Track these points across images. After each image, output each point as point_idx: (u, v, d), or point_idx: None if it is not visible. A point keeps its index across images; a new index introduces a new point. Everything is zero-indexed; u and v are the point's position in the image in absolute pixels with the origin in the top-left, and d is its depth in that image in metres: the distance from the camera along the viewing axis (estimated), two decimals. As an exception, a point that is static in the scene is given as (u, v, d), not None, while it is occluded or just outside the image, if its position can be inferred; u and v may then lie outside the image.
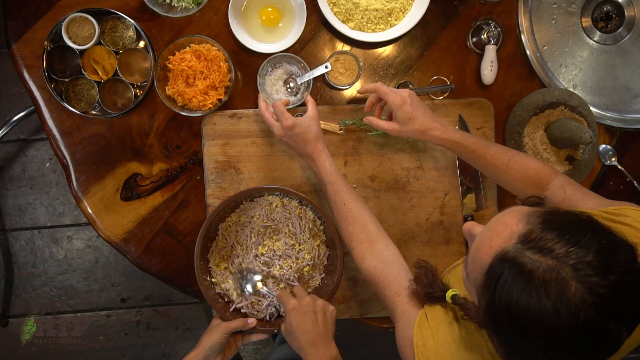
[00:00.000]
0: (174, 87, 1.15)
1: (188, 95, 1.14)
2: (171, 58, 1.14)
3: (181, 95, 1.14)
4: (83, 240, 2.12)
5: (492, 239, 0.66)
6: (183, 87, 1.14)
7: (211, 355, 1.03)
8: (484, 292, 0.66)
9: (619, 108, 1.28)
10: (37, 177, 2.11)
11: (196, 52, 1.14)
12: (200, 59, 1.14)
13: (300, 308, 0.99)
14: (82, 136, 1.19)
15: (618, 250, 0.62)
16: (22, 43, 1.18)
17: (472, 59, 1.23)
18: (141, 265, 1.20)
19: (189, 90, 1.14)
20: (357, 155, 1.20)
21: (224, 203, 1.09)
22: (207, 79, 1.14)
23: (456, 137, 1.02)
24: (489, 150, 1.02)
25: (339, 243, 1.09)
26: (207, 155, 1.19)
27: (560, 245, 0.61)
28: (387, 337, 0.99)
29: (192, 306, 2.11)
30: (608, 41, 1.30)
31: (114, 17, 1.16)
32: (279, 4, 1.20)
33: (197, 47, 1.14)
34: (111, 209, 1.19)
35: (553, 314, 0.59)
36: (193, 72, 1.14)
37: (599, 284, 0.59)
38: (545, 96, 1.18)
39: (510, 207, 0.70)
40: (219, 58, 1.14)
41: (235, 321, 1.05)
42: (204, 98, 1.14)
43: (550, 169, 1.01)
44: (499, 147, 1.04)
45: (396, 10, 1.19)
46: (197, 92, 1.14)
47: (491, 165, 1.03)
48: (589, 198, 0.93)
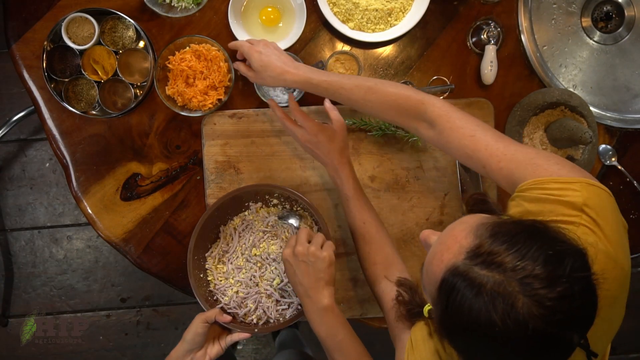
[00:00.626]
0: (174, 87, 1.15)
1: (188, 95, 1.14)
2: (171, 58, 1.14)
3: (181, 95, 1.15)
4: (83, 240, 2.13)
5: (443, 253, 0.66)
6: (183, 87, 1.14)
7: (194, 349, 1.02)
8: (437, 303, 0.67)
9: (619, 108, 1.28)
10: (37, 177, 2.11)
11: (196, 52, 1.14)
12: (200, 59, 1.14)
13: (291, 258, 0.98)
14: (82, 136, 1.19)
15: (565, 259, 0.61)
16: (22, 43, 1.18)
17: (472, 59, 1.23)
18: (141, 265, 1.20)
19: (189, 90, 1.14)
20: (357, 155, 1.20)
21: (220, 200, 1.09)
22: (207, 79, 1.14)
23: (310, 77, 0.99)
24: (344, 84, 0.98)
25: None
26: (207, 155, 1.19)
27: (508, 259, 0.61)
28: (387, 337, 0.98)
29: (192, 306, 2.11)
30: (608, 41, 1.31)
31: (114, 17, 1.16)
32: (279, 4, 1.20)
33: (197, 47, 1.14)
34: (111, 209, 1.19)
35: (502, 326, 0.59)
36: (193, 72, 1.14)
37: (547, 297, 0.59)
38: (545, 96, 1.18)
39: (462, 217, 0.70)
40: (219, 58, 1.14)
41: (211, 310, 1.04)
42: (204, 98, 1.14)
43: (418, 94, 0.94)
44: (359, 79, 0.99)
45: (396, 11, 1.19)
46: (197, 92, 1.14)
47: (348, 100, 0.99)
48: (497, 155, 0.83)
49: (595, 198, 0.74)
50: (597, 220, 0.72)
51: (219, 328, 1.08)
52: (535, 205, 0.75)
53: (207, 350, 1.04)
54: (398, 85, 0.98)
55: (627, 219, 1.24)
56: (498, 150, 0.84)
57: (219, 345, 1.06)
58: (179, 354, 1.02)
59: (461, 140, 0.88)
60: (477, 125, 0.88)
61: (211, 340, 1.06)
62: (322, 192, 1.20)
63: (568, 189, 0.74)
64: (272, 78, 1.03)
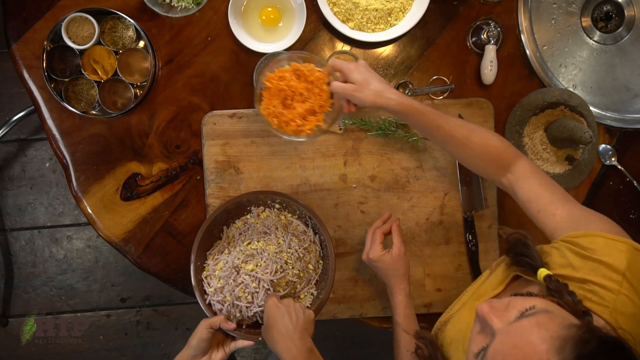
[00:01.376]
0: (270, 108, 1.04)
1: (285, 117, 1.04)
2: (269, 75, 1.04)
3: (277, 117, 1.04)
4: (83, 240, 2.13)
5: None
6: (280, 109, 1.04)
7: (198, 354, 1.02)
8: None
9: (619, 108, 1.28)
10: (37, 177, 2.11)
11: (297, 72, 1.04)
12: (300, 79, 1.04)
13: (279, 304, 0.99)
14: (82, 136, 1.19)
15: None
16: (22, 43, 1.18)
17: (472, 59, 1.23)
18: (141, 265, 1.20)
19: (287, 112, 1.04)
20: (357, 155, 1.20)
21: (221, 207, 1.09)
22: (307, 102, 1.04)
23: (413, 103, 0.98)
24: (448, 121, 0.98)
25: (332, 255, 1.09)
26: (207, 155, 1.19)
27: None
28: (387, 337, 0.99)
29: (192, 306, 2.11)
30: (608, 41, 1.31)
31: (114, 17, 1.16)
32: (278, 3, 1.20)
33: (298, 66, 1.04)
34: (111, 208, 1.19)
35: None
36: (292, 93, 1.04)
37: None
38: (545, 96, 1.18)
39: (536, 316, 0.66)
40: (322, 80, 1.03)
41: (216, 317, 1.05)
42: (302, 123, 1.04)
43: (512, 150, 0.98)
44: (459, 120, 1.01)
45: (396, 10, 1.19)
46: (296, 115, 1.03)
47: (450, 137, 0.98)
48: (556, 204, 0.89)
49: (638, 265, 0.74)
50: (638, 290, 0.73)
51: (222, 334, 1.08)
52: (579, 261, 0.77)
53: (211, 356, 1.04)
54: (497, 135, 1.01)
55: (627, 218, 1.25)
56: (559, 202, 0.89)
57: (223, 351, 1.06)
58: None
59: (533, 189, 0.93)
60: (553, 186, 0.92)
61: (215, 346, 1.06)
62: (322, 192, 1.20)
63: (614, 248, 0.76)
64: (374, 93, 0.97)
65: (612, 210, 1.25)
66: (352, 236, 1.20)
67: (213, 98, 1.20)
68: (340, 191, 1.20)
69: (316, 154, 1.20)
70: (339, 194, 1.20)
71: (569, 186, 1.21)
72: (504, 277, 0.87)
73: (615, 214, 1.25)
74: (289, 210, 1.15)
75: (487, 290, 0.89)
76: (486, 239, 1.21)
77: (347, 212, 1.20)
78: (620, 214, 1.25)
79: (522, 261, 0.81)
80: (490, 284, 0.89)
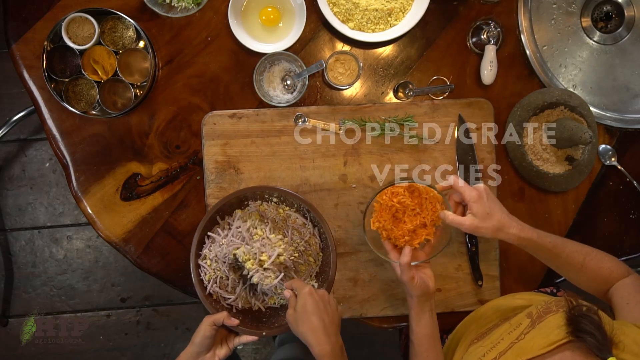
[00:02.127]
0: (380, 222, 1.06)
1: (394, 233, 1.05)
2: (382, 194, 1.06)
3: (387, 230, 1.06)
4: (83, 240, 2.13)
5: None
6: (390, 225, 1.05)
7: (202, 351, 1.03)
8: None
9: (619, 108, 1.28)
10: (37, 177, 2.11)
11: (411, 188, 1.06)
12: (413, 194, 1.06)
13: (316, 295, 0.99)
14: (82, 136, 1.19)
15: None
16: (22, 43, 1.18)
17: (472, 59, 1.23)
18: (141, 265, 1.20)
19: (397, 229, 1.05)
20: (357, 155, 1.20)
21: (222, 201, 1.09)
22: (418, 216, 1.05)
23: (533, 236, 1.00)
24: (564, 249, 1.01)
25: (333, 248, 1.09)
26: (207, 155, 1.19)
27: None
28: (387, 337, 0.99)
29: (192, 306, 2.11)
30: (608, 41, 1.31)
31: (114, 17, 1.16)
32: (279, 4, 1.20)
33: (415, 185, 1.06)
34: (111, 209, 1.19)
35: None
36: (403, 208, 1.05)
37: None
38: (545, 96, 1.18)
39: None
40: (437, 199, 1.05)
41: (219, 313, 1.05)
42: (411, 237, 1.05)
43: (624, 268, 1.00)
44: (574, 245, 1.03)
45: (396, 11, 1.19)
46: (406, 231, 1.05)
47: (566, 264, 1.02)
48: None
49: None
50: None
51: (225, 330, 1.08)
52: None
53: (215, 352, 1.05)
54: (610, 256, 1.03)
55: (627, 219, 1.25)
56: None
57: (227, 347, 1.07)
58: (188, 357, 1.03)
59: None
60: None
61: (219, 342, 1.06)
62: (322, 192, 1.20)
63: None
64: (495, 229, 0.99)
65: (612, 210, 1.25)
66: (352, 236, 1.20)
67: (213, 98, 1.20)
68: (340, 191, 1.20)
69: (316, 154, 1.20)
70: (339, 194, 1.20)
71: (569, 186, 1.21)
72: (556, 338, 0.81)
73: (615, 214, 1.25)
74: (287, 204, 1.15)
75: (533, 348, 0.82)
76: (486, 239, 1.21)
77: (347, 212, 1.20)
78: (620, 214, 1.25)
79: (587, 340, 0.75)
80: (537, 344, 0.83)
